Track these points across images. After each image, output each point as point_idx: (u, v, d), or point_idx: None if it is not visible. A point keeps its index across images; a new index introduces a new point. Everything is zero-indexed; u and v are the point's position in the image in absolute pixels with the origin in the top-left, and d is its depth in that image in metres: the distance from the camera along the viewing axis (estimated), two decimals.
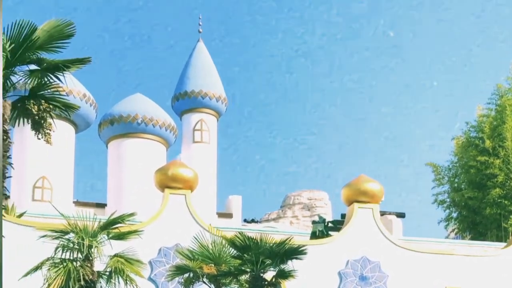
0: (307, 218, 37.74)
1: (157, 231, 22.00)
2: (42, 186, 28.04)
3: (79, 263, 15.78)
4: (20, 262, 17.48)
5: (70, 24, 12.72)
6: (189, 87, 31.47)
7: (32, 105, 12.95)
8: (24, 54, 12.63)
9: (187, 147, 31.40)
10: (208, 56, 32.74)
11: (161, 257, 22.09)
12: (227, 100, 32.18)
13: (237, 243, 16.29)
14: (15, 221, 21.11)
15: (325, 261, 22.75)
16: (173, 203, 22.71)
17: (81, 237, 15.83)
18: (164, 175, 22.92)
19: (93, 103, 29.90)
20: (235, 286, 17.05)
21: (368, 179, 24.06)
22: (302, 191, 39.91)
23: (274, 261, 16.13)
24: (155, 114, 30.75)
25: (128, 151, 30.47)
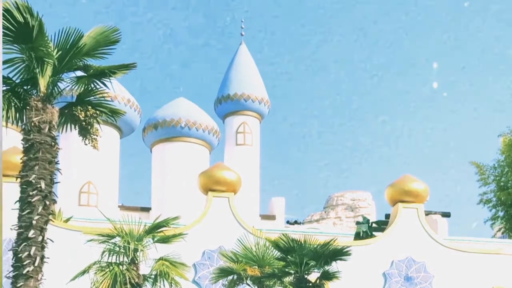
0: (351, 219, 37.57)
1: (201, 234, 22.15)
2: (88, 191, 28.41)
3: (125, 266, 15.97)
4: (68, 266, 17.76)
5: (116, 30, 12.84)
6: (231, 90, 31.57)
7: (79, 111, 13.14)
8: (71, 61, 12.80)
9: (230, 150, 31.52)
10: (250, 59, 32.79)
11: (204, 259, 22.24)
12: (270, 102, 32.21)
13: (281, 245, 16.28)
14: (63, 226, 21.46)
15: (369, 262, 22.65)
16: (216, 206, 22.83)
17: (127, 241, 16.02)
18: (207, 178, 23.07)
19: (137, 108, 30.22)
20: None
21: (413, 179, 23.89)
22: (345, 191, 39.74)
23: (318, 262, 16.09)
24: (198, 118, 30.93)
25: (172, 155, 30.70)
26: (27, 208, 12.19)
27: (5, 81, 12.84)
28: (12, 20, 11.88)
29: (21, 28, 11.95)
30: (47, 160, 12.32)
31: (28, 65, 12.54)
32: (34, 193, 12.18)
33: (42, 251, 12.32)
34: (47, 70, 12.52)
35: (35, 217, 12.15)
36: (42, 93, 12.50)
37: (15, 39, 12.16)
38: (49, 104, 12.52)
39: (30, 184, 12.22)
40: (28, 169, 12.25)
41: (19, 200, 12.36)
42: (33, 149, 12.27)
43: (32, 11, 11.92)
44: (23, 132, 12.47)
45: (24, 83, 12.83)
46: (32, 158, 12.25)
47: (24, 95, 12.76)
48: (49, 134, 12.39)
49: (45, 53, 12.32)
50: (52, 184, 12.47)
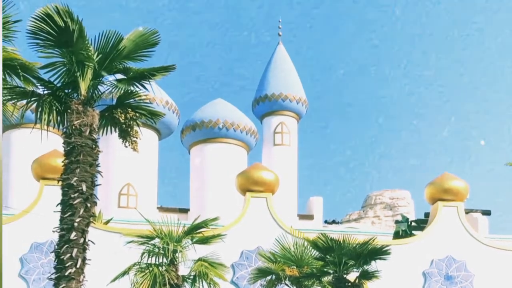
0: (389, 218, 37.34)
1: (239, 234, 22.23)
2: (127, 193, 28.62)
3: (165, 267, 16.09)
4: (108, 268, 17.95)
5: (155, 32, 12.86)
6: (269, 90, 31.56)
7: (119, 114, 13.23)
8: (111, 64, 12.87)
9: (268, 150, 31.53)
10: (288, 59, 32.74)
11: (243, 260, 22.31)
12: (308, 102, 32.16)
13: (319, 245, 16.27)
14: (103, 228, 21.69)
15: (409, 261, 22.55)
16: (254, 206, 22.90)
17: (166, 242, 16.14)
18: (245, 179, 23.15)
19: (176, 110, 30.39)
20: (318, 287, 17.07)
21: (452, 177, 23.73)
22: (383, 190, 39.51)
23: (357, 262, 16.05)
24: (236, 119, 30.99)
25: (210, 156, 30.78)
26: (69, 211, 12.31)
27: (46, 85, 12.99)
28: (52, 24, 12.00)
29: (62, 32, 12.06)
30: (88, 163, 12.43)
31: (69, 69, 12.63)
32: (75, 195, 12.29)
33: (83, 253, 12.43)
34: (88, 73, 12.63)
35: (77, 219, 12.26)
36: (82, 96, 12.61)
37: (56, 43, 12.27)
38: (90, 107, 12.63)
39: (71, 187, 12.33)
40: (70, 172, 12.37)
41: (61, 202, 12.48)
42: (74, 152, 12.38)
43: (73, 15, 12.03)
44: (64, 136, 12.59)
45: (65, 87, 12.92)
46: (74, 161, 12.37)
47: (65, 99, 12.87)
48: (90, 137, 12.49)
49: (85, 56, 12.43)
50: (93, 186, 12.58)
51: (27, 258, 21.47)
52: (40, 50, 12.36)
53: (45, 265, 21.37)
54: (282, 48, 32.94)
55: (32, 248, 21.50)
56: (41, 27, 12.03)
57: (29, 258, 21.49)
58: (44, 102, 12.77)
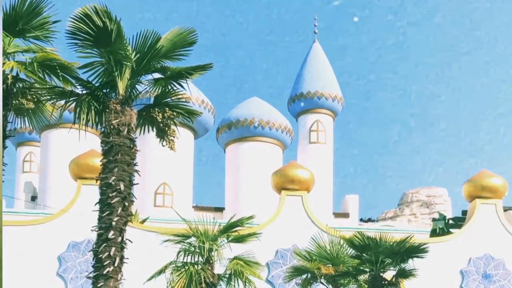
0: (426, 216, 37.07)
1: (274, 233, 22.23)
2: (163, 192, 28.75)
3: (200, 266, 16.12)
4: (144, 267, 18.05)
5: (193, 31, 12.87)
6: (305, 88, 31.47)
7: (157, 113, 13.22)
8: (149, 63, 12.88)
9: (303, 148, 31.46)
10: (324, 57, 32.61)
11: (278, 258, 22.30)
12: (343, 100, 32.03)
13: (356, 243, 16.20)
14: (139, 227, 21.82)
15: (446, 259, 22.38)
16: (290, 205, 22.88)
17: (202, 241, 16.16)
18: (281, 177, 23.14)
19: (211, 109, 30.46)
20: (354, 286, 17.01)
21: (491, 174, 23.52)
22: (420, 188, 39.23)
23: (394, 260, 15.96)
24: (271, 117, 30.98)
25: (245, 155, 30.81)
26: (107, 210, 12.37)
27: (85, 85, 13.07)
28: (91, 24, 12.07)
29: (100, 32, 12.13)
30: (126, 162, 12.48)
31: (107, 69, 12.70)
32: (113, 194, 12.34)
33: (121, 251, 12.48)
34: (126, 73, 12.67)
35: (115, 219, 12.32)
36: (121, 96, 12.65)
37: (94, 43, 12.33)
38: (128, 107, 12.66)
39: (109, 186, 12.39)
40: (108, 171, 12.42)
41: (99, 202, 12.53)
42: (112, 152, 12.43)
43: (111, 15, 12.08)
44: (103, 135, 12.63)
45: (103, 86, 13.00)
46: (112, 160, 12.42)
47: (103, 98, 12.93)
48: (127, 136, 12.54)
49: (123, 56, 12.48)
50: (131, 185, 12.63)
51: (65, 257, 21.68)
52: (78, 50, 12.43)
53: (82, 264, 21.56)
54: (318, 45, 32.82)
55: (70, 247, 21.70)
56: (80, 27, 12.10)
57: (66, 257, 21.69)
58: (82, 101, 12.85)
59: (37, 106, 13.07)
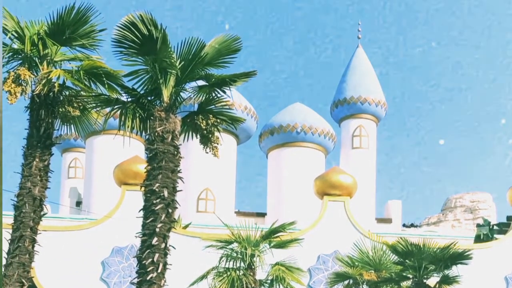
0: (470, 221, 36.73)
1: (316, 238, 22.20)
2: (206, 197, 28.89)
3: (242, 271, 16.16)
4: (187, 272, 18.17)
5: (237, 39, 12.89)
6: (348, 93, 31.42)
7: (201, 120, 13.28)
8: (194, 71, 12.95)
9: (346, 153, 31.37)
10: (367, 62, 32.54)
11: (319, 264, 22.27)
12: (387, 105, 31.89)
13: (398, 249, 16.10)
14: (182, 233, 21.95)
15: (491, 266, 22.14)
16: (332, 210, 22.84)
17: (244, 246, 16.21)
18: (323, 182, 23.11)
19: (254, 115, 30.56)
20: None
21: None
22: (464, 193, 38.89)
23: (437, 266, 15.83)
24: (314, 122, 30.96)
25: (288, 160, 30.84)
26: (151, 216, 12.46)
27: (130, 92, 13.18)
28: (137, 32, 12.18)
29: (146, 40, 12.23)
30: (170, 169, 12.57)
31: (152, 76, 12.80)
32: (157, 201, 12.42)
33: (164, 257, 12.57)
34: (170, 80, 12.75)
35: (158, 225, 12.40)
36: (165, 103, 12.73)
37: (139, 51, 12.45)
38: (172, 114, 12.75)
39: (153, 193, 12.48)
40: (152, 178, 12.51)
41: (143, 208, 12.63)
42: (156, 159, 12.53)
43: (156, 23, 12.18)
44: (147, 142, 12.72)
45: (148, 94, 13.09)
46: (156, 167, 12.51)
47: (148, 106, 13.02)
48: (172, 144, 12.62)
49: (168, 64, 12.57)
50: (175, 192, 12.70)
51: (109, 262, 21.89)
52: (124, 58, 12.56)
53: (125, 269, 21.75)
54: (362, 50, 32.73)
55: (114, 252, 21.91)
56: (126, 36, 12.21)
57: (110, 262, 21.90)
58: (127, 109, 12.96)
59: (83, 113, 13.26)
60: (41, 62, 12.89)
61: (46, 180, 12.83)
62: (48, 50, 12.84)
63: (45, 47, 12.80)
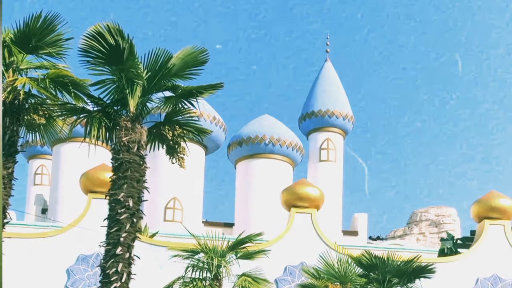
0: (435, 235, 37.04)
1: (283, 249, 22.24)
2: (173, 207, 28.82)
3: (208, 282, 16.15)
4: (153, 281, 18.10)
5: (204, 51, 12.97)
6: (316, 106, 31.56)
7: (167, 131, 13.35)
8: (160, 82, 12.99)
9: (313, 166, 31.49)
10: (335, 76, 32.69)
11: (286, 275, 22.31)
12: (354, 119, 32.09)
13: (363, 262, 16.20)
14: (148, 241, 21.87)
15: (454, 280, 22.31)
16: (299, 222, 22.90)
17: (211, 257, 16.21)
18: (290, 194, 23.18)
19: (223, 125, 30.58)
20: None
21: (499, 195, 23.49)
22: (429, 207, 39.20)
23: (401, 280, 15.95)
24: (282, 135, 31.05)
25: (256, 171, 30.85)
26: (115, 226, 12.45)
27: (96, 102, 13.19)
28: (104, 42, 12.22)
29: (113, 50, 12.27)
30: (135, 178, 12.58)
31: (118, 86, 12.83)
32: (122, 211, 12.43)
33: (129, 267, 12.55)
34: (137, 90, 12.80)
35: (123, 235, 12.39)
36: (131, 113, 12.78)
37: (106, 61, 12.48)
38: (138, 124, 12.78)
39: (118, 202, 12.48)
40: (117, 188, 12.52)
41: (108, 217, 12.62)
42: (122, 168, 12.54)
43: (123, 33, 12.24)
44: (113, 152, 12.72)
45: (114, 104, 13.12)
46: (121, 177, 12.52)
47: (114, 115, 13.05)
48: (137, 153, 12.64)
49: (135, 74, 12.61)
50: (140, 202, 12.71)
51: (74, 269, 21.75)
52: (90, 67, 12.59)
53: (91, 277, 21.62)
54: (330, 64, 32.93)
55: (79, 260, 21.77)
56: (92, 45, 12.25)
57: (75, 270, 21.76)
58: (93, 118, 12.97)
59: (49, 121, 13.22)
60: (7, 70, 12.84)
61: (10, 188, 12.75)
62: (14, 57, 12.79)
63: (10, 55, 12.75)
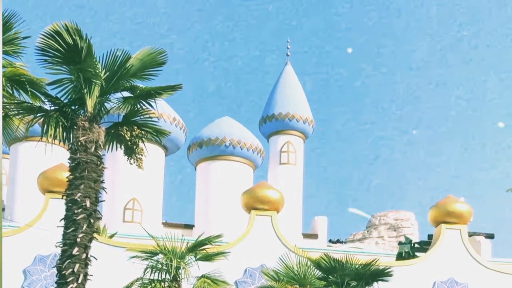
0: (393, 239, 37.31)
1: (243, 252, 22.26)
2: (132, 207, 28.67)
3: (167, 283, 16.11)
4: (111, 282, 18.00)
5: (163, 52, 12.97)
6: (276, 109, 31.70)
7: (125, 131, 13.30)
8: (118, 82, 12.97)
9: (273, 168, 31.59)
10: (295, 79, 32.88)
11: (246, 277, 22.33)
12: (314, 122, 32.26)
13: (322, 265, 16.32)
14: (107, 242, 21.74)
15: (411, 283, 22.53)
16: (259, 224, 22.94)
17: (170, 258, 16.17)
18: (251, 197, 23.21)
19: (183, 127, 30.50)
20: None
21: (456, 200, 23.76)
22: (388, 211, 39.51)
23: (359, 283, 16.09)
24: (242, 137, 31.08)
25: (216, 173, 30.83)
26: (72, 226, 12.37)
27: (53, 101, 13.10)
28: (61, 41, 12.13)
29: (70, 49, 12.19)
30: (92, 179, 12.51)
31: (76, 86, 12.75)
32: (79, 211, 12.35)
33: (85, 268, 12.47)
34: (95, 90, 12.73)
35: (80, 235, 12.32)
36: (89, 113, 12.70)
37: (64, 60, 12.39)
38: (96, 124, 12.71)
39: (75, 203, 12.39)
40: (74, 188, 12.44)
41: (65, 218, 12.53)
42: (79, 168, 12.46)
43: (81, 33, 12.17)
44: (70, 151, 12.66)
45: (72, 103, 13.04)
46: (78, 177, 12.44)
47: (72, 115, 12.97)
48: (95, 154, 12.57)
49: (93, 74, 12.53)
50: (97, 202, 12.64)
51: (30, 270, 21.53)
52: (48, 66, 12.49)
53: (48, 278, 21.42)
54: (290, 68, 33.09)
55: (36, 261, 21.56)
56: (50, 44, 12.16)
57: (32, 270, 21.55)
58: (50, 117, 12.89)
59: (5, 120, 13.09)
60: None
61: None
62: None
63: None
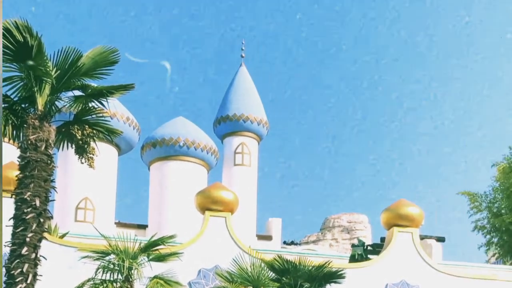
0: (347, 241, 37.60)
1: (197, 253, 22.17)
2: (84, 207, 28.43)
3: (119, 284, 15.98)
4: (62, 283, 17.79)
5: (115, 51, 12.96)
6: (231, 111, 31.75)
7: (76, 130, 13.25)
8: (70, 81, 12.90)
9: (228, 170, 31.61)
10: (250, 81, 33.00)
11: (200, 278, 22.25)
12: (268, 124, 32.39)
13: (276, 266, 16.32)
14: (58, 242, 21.46)
15: (364, 285, 22.64)
16: (213, 225, 22.87)
17: (122, 258, 16.04)
18: (205, 198, 23.12)
19: (136, 126, 30.33)
20: None
21: (408, 203, 23.96)
22: (342, 213, 39.81)
23: (312, 284, 16.13)
24: (197, 137, 31.04)
25: (170, 174, 30.76)
26: (21, 225, 12.27)
27: (4, 99, 12.93)
28: (11, 39, 12.02)
29: (21, 47, 12.08)
30: (42, 178, 12.40)
31: (27, 84, 12.66)
32: (28, 210, 12.25)
33: (35, 268, 12.36)
34: (45, 89, 12.63)
35: (29, 235, 12.21)
36: (39, 112, 12.60)
37: (14, 57, 12.28)
38: (46, 123, 12.62)
39: (25, 202, 12.29)
40: (24, 187, 12.34)
41: (14, 217, 12.44)
42: (29, 167, 12.36)
43: (32, 30, 12.06)
44: (20, 150, 12.56)
45: (22, 101, 12.94)
46: (28, 176, 12.34)
47: (22, 113, 12.87)
48: (45, 152, 12.47)
49: (43, 72, 12.44)
50: (47, 201, 12.53)
51: None
52: None
53: None
54: (245, 69, 33.17)
55: None
56: None
57: None
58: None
59: None
60: None
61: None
62: None
63: None
